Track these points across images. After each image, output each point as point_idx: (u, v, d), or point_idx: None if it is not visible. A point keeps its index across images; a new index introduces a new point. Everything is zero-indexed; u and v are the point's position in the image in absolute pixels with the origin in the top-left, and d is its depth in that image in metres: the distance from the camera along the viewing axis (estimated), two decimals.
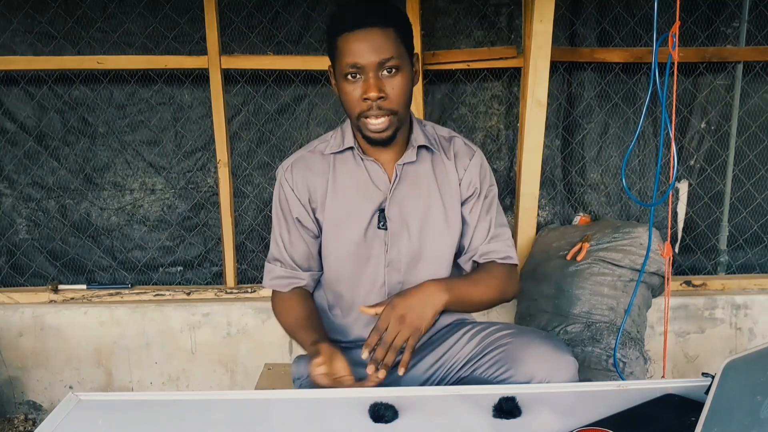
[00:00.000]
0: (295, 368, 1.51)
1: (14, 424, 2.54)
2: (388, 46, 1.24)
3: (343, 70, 1.26)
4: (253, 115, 2.57)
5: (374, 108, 1.26)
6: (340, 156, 1.40)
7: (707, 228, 2.69)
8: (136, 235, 2.63)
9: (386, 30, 1.25)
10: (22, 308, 2.52)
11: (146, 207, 2.61)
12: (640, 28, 2.52)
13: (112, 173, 2.58)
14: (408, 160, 1.38)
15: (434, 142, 1.42)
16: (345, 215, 1.38)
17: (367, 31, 1.24)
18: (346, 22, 1.26)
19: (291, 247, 1.43)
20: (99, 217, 2.61)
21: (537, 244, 2.51)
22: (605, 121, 2.61)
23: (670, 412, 1.04)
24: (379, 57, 1.23)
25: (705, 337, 2.58)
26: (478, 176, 1.43)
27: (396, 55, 1.25)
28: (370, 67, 1.24)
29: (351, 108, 1.29)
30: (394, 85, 1.26)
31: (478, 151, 1.45)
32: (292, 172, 1.40)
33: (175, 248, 2.65)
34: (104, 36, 2.46)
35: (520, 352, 1.27)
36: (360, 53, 1.23)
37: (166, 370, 2.57)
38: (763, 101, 2.60)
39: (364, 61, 1.24)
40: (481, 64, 2.50)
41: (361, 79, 1.25)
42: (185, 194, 2.61)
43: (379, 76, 1.25)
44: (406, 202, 1.38)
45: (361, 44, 1.23)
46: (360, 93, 1.26)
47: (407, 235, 1.39)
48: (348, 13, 1.27)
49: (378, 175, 1.38)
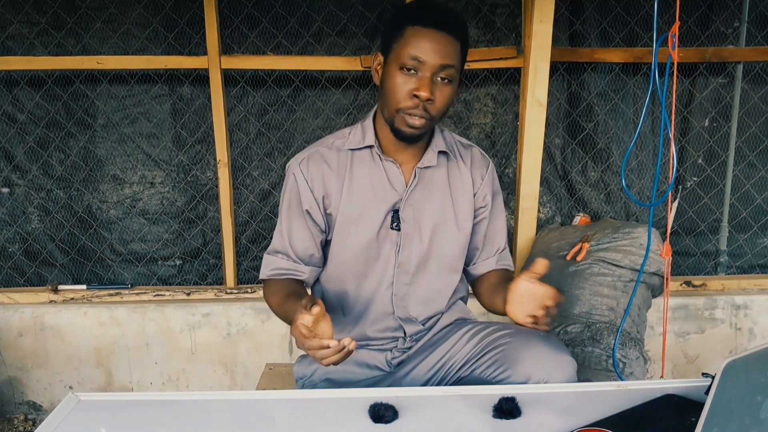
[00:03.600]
0: (297, 368, 1.51)
1: (14, 424, 2.54)
2: (453, 55, 1.26)
3: (403, 59, 1.25)
4: (253, 115, 2.57)
5: (420, 108, 1.27)
6: (358, 153, 1.40)
7: (707, 228, 2.69)
8: (136, 227, 2.63)
9: (456, 41, 1.27)
10: (22, 308, 2.52)
11: (145, 200, 2.61)
12: (640, 28, 2.52)
13: (111, 166, 2.57)
14: (429, 164, 1.39)
15: (452, 148, 1.44)
16: (359, 213, 1.38)
17: (441, 33, 1.24)
18: (424, 17, 1.26)
19: (297, 241, 1.42)
20: (98, 209, 2.60)
21: (537, 245, 2.52)
22: (605, 121, 2.61)
23: (670, 413, 1.04)
24: (442, 61, 1.24)
25: (705, 338, 2.58)
26: (491, 189, 1.47)
27: (456, 66, 1.27)
28: (430, 68, 1.25)
29: (394, 99, 1.28)
30: (444, 93, 1.28)
31: (491, 162, 1.50)
32: (308, 165, 1.39)
33: (175, 240, 2.65)
34: (104, 36, 2.46)
35: (518, 352, 1.27)
36: (427, 51, 1.24)
37: (166, 371, 2.57)
38: (763, 101, 2.60)
39: (428, 60, 1.24)
40: (481, 64, 2.50)
41: (415, 75, 1.26)
42: (184, 187, 2.61)
43: (434, 80, 1.26)
44: (420, 205, 1.39)
45: (431, 43, 1.24)
46: (411, 88, 1.26)
47: (419, 238, 1.40)
48: (428, 9, 1.28)
49: (395, 176, 1.38)
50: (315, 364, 1.47)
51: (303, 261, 1.43)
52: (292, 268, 1.43)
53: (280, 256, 1.44)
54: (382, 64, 1.32)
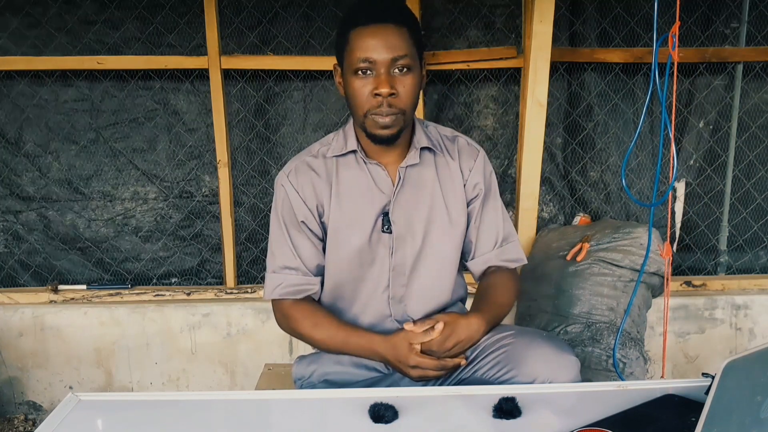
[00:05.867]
0: (296, 369, 1.50)
1: (14, 424, 2.54)
2: (402, 44, 1.23)
3: (354, 64, 1.24)
4: (253, 115, 2.57)
5: (384, 105, 1.25)
6: (343, 159, 1.38)
7: (707, 228, 2.69)
8: (128, 245, 2.62)
9: (400, 28, 1.24)
10: (22, 308, 2.52)
11: (138, 217, 2.61)
12: (640, 28, 2.52)
13: (103, 181, 2.58)
14: (411, 162, 1.36)
15: (437, 143, 1.41)
16: (349, 219, 1.36)
17: (381, 26, 1.23)
18: (361, 17, 1.24)
19: (302, 253, 1.38)
20: (87, 228, 2.60)
21: (537, 245, 2.52)
22: (605, 121, 2.61)
23: (670, 413, 1.04)
24: (392, 53, 1.22)
25: (705, 338, 2.58)
26: (483, 177, 1.43)
27: (409, 54, 1.24)
28: (382, 64, 1.23)
29: (359, 105, 1.27)
30: (405, 83, 1.25)
31: (481, 151, 1.45)
32: (297, 177, 1.37)
33: (169, 258, 2.65)
34: (104, 36, 2.46)
35: (522, 353, 1.26)
36: (374, 48, 1.22)
37: (166, 371, 2.57)
38: (763, 101, 2.60)
39: (378, 57, 1.22)
40: (480, 64, 2.50)
41: (371, 75, 1.24)
42: (179, 203, 2.61)
43: (391, 74, 1.24)
44: (410, 205, 1.37)
45: (375, 40, 1.22)
46: (370, 89, 1.24)
47: (411, 239, 1.38)
48: (363, 9, 1.26)
49: (381, 178, 1.36)
50: (314, 364, 1.46)
51: (312, 272, 1.39)
52: (303, 283, 1.39)
53: (289, 271, 1.38)
54: (341, 75, 1.32)
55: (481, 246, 1.44)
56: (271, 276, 1.40)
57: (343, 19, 1.30)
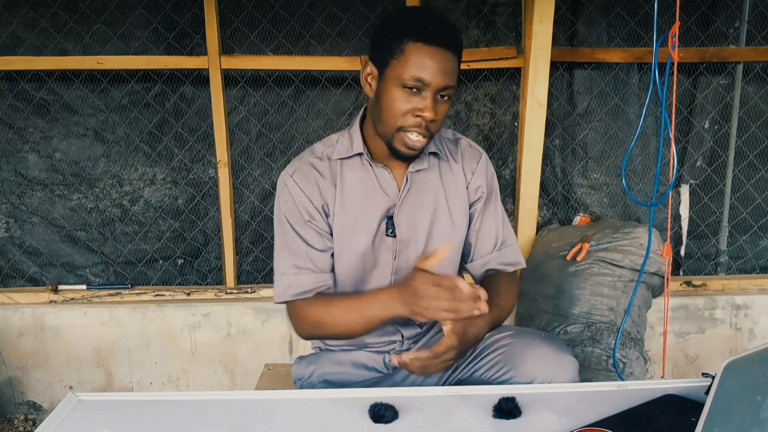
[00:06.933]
0: (296, 369, 1.50)
1: (14, 424, 2.54)
2: (454, 73, 1.23)
3: (404, 79, 1.20)
4: (254, 115, 2.57)
5: (422, 127, 1.24)
6: (348, 162, 1.36)
7: (707, 228, 2.69)
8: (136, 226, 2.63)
9: (456, 58, 1.24)
10: (22, 308, 2.52)
11: (146, 197, 2.61)
12: (640, 28, 2.52)
13: (110, 165, 2.58)
14: (420, 167, 1.36)
15: (442, 148, 1.41)
16: (353, 222, 1.35)
17: (443, 51, 1.21)
18: (425, 34, 1.20)
19: (314, 252, 1.34)
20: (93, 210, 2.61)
21: (537, 245, 2.51)
22: (605, 121, 2.61)
23: (670, 413, 1.04)
24: (446, 82, 1.21)
25: (705, 338, 2.58)
26: (485, 180, 1.43)
27: (455, 84, 1.24)
28: (434, 88, 1.21)
29: (393, 117, 1.24)
30: (443, 111, 1.26)
31: (483, 153, 1.45)
32: (301, 176, 1.34)
33: (175, 240, 2.64)
34: (104, 36, 2.46)
35: (521, 353, 1.27)
36: (432, 71, 1.20)
37: (166, 371, 2.57)
38: (763, 101, 2.60)
39: (432, 81, 1.20)
40: (481, 64, 2.50)
41: (418, 95, 1.22)
42: (184, 187, 2.61)
43: (436, 99, 1.23)
44: (414, 209, 1.36)
45: (435, 63, 1.20)
46: (413, 108, 1.22)
47: (415, 242, 1.37)
48: (428, 25, 1.23)
49: (387, 182, 1.35)
50: (313, 365, 1.46)
51: (324, 270, 1.35)
52: (317, 281, 1.34)
53: (298, 271, 1.34)
54: (376, 77, 1.27)
55: (480, 248, 1.43)
56: (280, 278, 1.36)
57: (401, 23, 1.26)
